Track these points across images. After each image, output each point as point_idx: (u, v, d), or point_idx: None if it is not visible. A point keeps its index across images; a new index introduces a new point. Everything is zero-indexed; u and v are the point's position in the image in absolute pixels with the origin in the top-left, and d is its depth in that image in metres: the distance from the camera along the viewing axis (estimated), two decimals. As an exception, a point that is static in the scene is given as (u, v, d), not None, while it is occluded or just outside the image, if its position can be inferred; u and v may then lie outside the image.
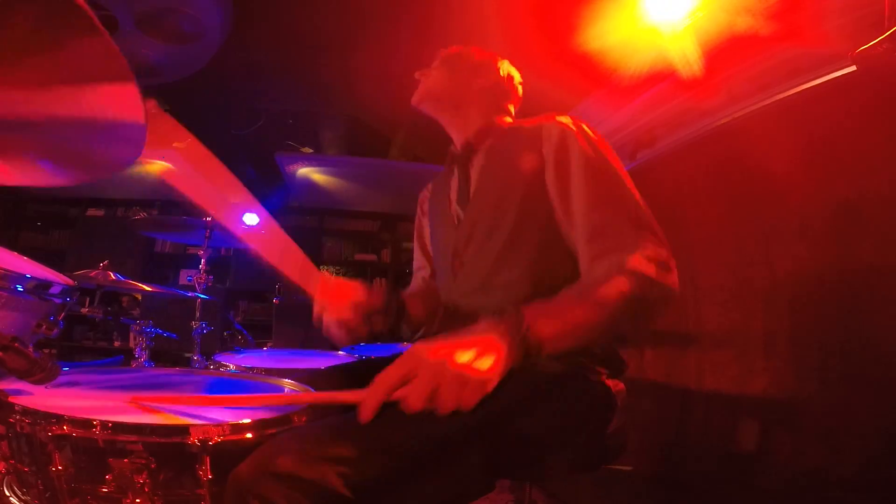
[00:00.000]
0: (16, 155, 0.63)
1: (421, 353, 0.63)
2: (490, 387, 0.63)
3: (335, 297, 0.97)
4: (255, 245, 0.96)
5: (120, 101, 0.52)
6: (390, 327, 1.05)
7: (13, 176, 0.66)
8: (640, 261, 0.75)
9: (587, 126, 0.94)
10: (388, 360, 0.67)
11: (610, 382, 0.90)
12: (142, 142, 0.56)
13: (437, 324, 1.08)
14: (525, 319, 0.68)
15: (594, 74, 2.52)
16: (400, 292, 1.10)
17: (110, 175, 0.64)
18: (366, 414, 0.62)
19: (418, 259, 1.27)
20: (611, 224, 0.81)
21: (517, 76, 1.19)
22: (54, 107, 0.55)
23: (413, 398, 0.60)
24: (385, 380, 0.62)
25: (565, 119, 0.95)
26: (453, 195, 1.10)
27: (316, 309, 0.99)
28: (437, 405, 0.61)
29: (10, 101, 0.54)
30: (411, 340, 1.13)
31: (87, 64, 0.49)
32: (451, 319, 1.01)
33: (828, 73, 1.74)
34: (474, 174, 1.07)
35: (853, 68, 1.59)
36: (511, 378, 0.79)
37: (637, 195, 0.87)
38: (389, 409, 0.69)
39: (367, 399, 0.62)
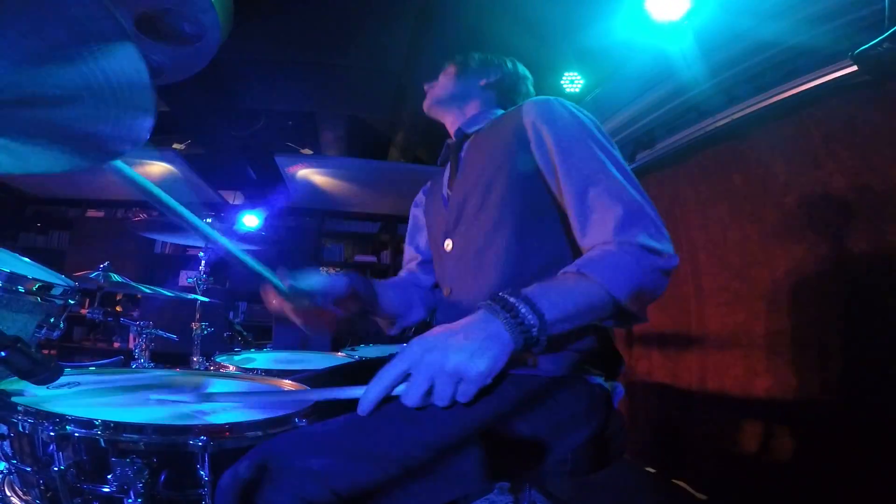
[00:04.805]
0: (19, 140, 0.60)
1: (418, 349, 0.65)
2: (488, 379, 0.64)
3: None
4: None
5: (120, 65, 0.49)
6: (360, 312, 1.05)
7: (18, 165, 0.62)
8: (633, 231, 0.75)
9: (566, 101, 0.94)
10: (387, 361, 0.67)
11: (608, 384, 0.90)
12: (151, 108, 0.52)
13: (435, 312, 1.08)
14: (522, 305, 0.67)
15: (594, 75, 2.53)
16: (371, 280, 1.09)
17: (123, 155, 0.60)
18: (365, 408, 0.64)
19: (408, 252, 1.28)
20: (599, 199, 0.80)
21: (525, 72, 1.20)
22: (53, 81, 0.52)
23: (411, 396, 0.63)
24: (384, 376, 0.64)
25: (542, 97, 0.95)
26: (445, 181, 1.12)
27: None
28: (434, 401, 0.64)
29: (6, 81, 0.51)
30: (405, 339, 1.12)
31: (80, 28, 0.46)
32: (449, 306, 1.01)
33: (828, 74, 1.74)
34: (463, 157, 1.09)
35: (853, 68, 1.60)
36: (509, 380, 0.78)
37: (621, 162, 0.85)
38: (382, 412, 0.68)
39: (366, 394, 0.64)
